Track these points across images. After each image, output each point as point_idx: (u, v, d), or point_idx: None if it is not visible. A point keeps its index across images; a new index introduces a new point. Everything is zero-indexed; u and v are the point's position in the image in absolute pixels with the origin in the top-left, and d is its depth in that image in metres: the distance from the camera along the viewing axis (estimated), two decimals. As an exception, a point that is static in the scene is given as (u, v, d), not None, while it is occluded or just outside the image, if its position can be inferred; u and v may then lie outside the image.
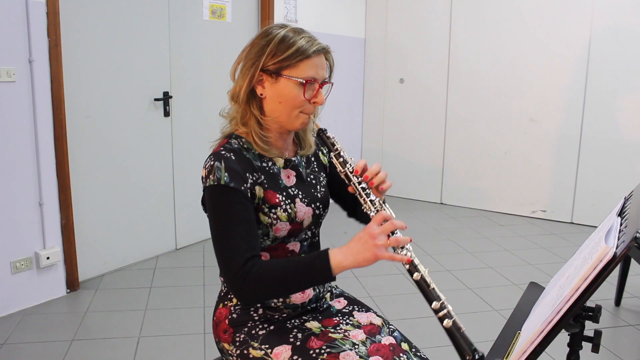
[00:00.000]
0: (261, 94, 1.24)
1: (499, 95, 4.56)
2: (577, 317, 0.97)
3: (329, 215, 1.42)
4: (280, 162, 1.29)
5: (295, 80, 1.19)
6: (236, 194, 1.16)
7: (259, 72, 1.21)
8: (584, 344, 1.01)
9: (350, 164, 1.22)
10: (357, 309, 1.40)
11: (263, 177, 1.24)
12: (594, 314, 0.97)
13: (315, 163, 1.40)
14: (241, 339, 1.27)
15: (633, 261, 2.84)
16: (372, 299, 2.90)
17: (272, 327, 1.27)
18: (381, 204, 1.18)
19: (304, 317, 1.33)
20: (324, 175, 1.41)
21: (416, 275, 1.08)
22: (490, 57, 4.55)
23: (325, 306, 1.39)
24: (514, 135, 4.55)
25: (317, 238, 1.40)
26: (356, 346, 1.22)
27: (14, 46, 2.53)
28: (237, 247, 1.13)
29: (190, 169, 3.63)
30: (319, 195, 1.35)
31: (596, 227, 1.20)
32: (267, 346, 1.23)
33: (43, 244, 2.76)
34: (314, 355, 1.19)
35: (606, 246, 0.85)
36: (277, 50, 1.19)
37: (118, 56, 3.09)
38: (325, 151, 1.45)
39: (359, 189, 1.20)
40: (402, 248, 1.10)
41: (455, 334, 1.04)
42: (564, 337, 1.01)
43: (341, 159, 1.23)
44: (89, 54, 2.94)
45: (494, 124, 4.63)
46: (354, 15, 5.04)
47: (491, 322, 2.63)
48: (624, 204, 1.13)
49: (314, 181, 1.36)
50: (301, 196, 1.30)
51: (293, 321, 1.31)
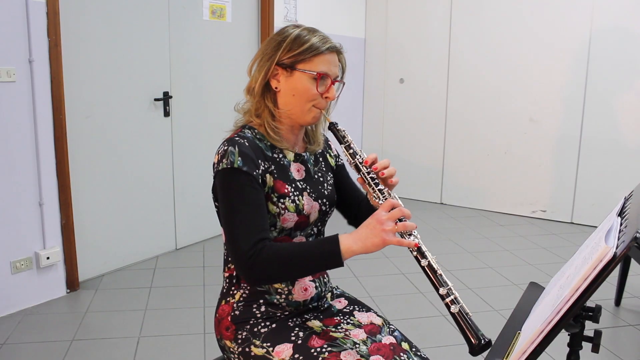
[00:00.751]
0: (276, 87, 1.29)
1: (499, 95, 4.56)
2: (577, 317, 0.97)
3: (332, 217, 1.44)
4: (290, 155, 1.33)
5: (308, 73, 1.25)
6: (248, 177, 1.19)
7: (274, 66, 1.26)
8: (584, 344, 1.01)
9: (360, 156, 1.26)
10: (357, 308, 1.41)
11: (273, 166, 1.28)
12: (594, 314, 0.97)
13: (322, 163, 1.43)
14: (243, 337, 1.28)
15: (633, 261, 2.85)
16: (372, 299, 2.90)
17: (273, 326, 1.28)
18: (389, 193, 1.22)
19: (305, 316, 1.34)
20: (331, 175, 1.44)
21: (424, 262, 1.12)
22: (490, 57, 4.55)
23: (326, 306, 1.40)
24: (514, 135, 4.55)
25: (322, 235, 1.42)
26: (357, 345, 1.23)
27: (14, 46, 2.53)
28: (247, 229, 1.16)
29: (190, 169, 3.63)
30: (325, 192, 1.38)
31: (596, 227, 1.20)
32: (268, 344, 1.24)
33: (43, 244, 2.77)
34: (315, 354, 1.20)
35: (606, 246, 0.85)
36: (292, 46, 1.25)
37: (118, 56, 3.09)
38: (333, 154, 1.48)
39: (368, 179, 1.24)
40: (410, 235, 1.13)
41: (462, 319, 1.08)
42: (564, 337, 1.01)
43: (351, 151, 1.27)
44: (89, 54, 2.94)
45: (494, 124, 4.63)
46: (354, 15, 5.05)
47: (491, 322, 2.63)
48: (624, 204, 1.13)
49: (322, 179, 1.39)
50: (309, 190, 1.33)
51: (295, 320, 1.32)
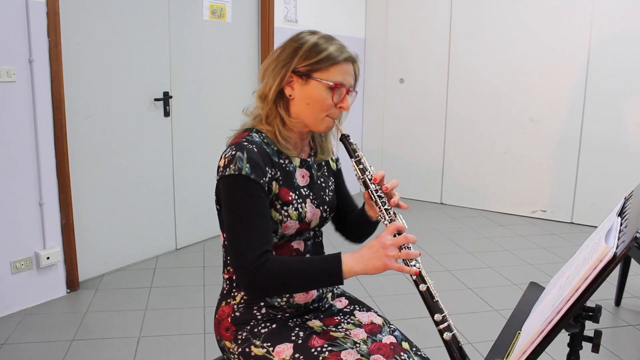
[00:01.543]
0: (289, 95, 1.27)
1: (499, 95, 4.56)
2: (577, 317, 0.97)
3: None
4: (296, 161, 1.32)
5: (325, 83, 1.23)
6: (255, 186, 1.18)
7: (290, 73, 1.24)
8: (584, 344, 1.01)
9: (370, 172, 1.26)
10: (358, 308, 1.41)
11: (279, 173, 1.26)
12: (594, 314, 0.97)
13: (325, 168, 1.42)
14: (243, 337, 1.28)
15: (633, 261, 2.85)
16: (372, 299, 2.90)
17: (274, 326, 1.28)
18: (395, 214, 1.22)
19: (305, 316, 1.34)
20: (332, 180, 1.44)
21: (422, 287, 1.13)
22: (491, 57, 4.55)
23: (326, 305, 1.40)
24: (514, 135, 4.55)
25: (321, 238, 1.42)
26: (357, 345, 1.23)
27: (14, 46, 2.53)
28: (251, 239, 1.15)
29: (190, 169, 3.63)
30: (327, 198, 1.38)
31: (596, 227, 1.20)
32: (269, 344, 1.24)
33: (43, 244, 2.76)
34: (315, 353, 1.20)
35: (606, 246, 0.85)
36: (309, 54, 1.23)
37: (118, 56, 3.09)
38: (335, 158, 1.48)
39: (376, 197, 1.24)
40: (411, 260, 1.14)
41: (452, 347, 1.11)
42: (564, 337, 1.01)
43: (361, 166, 1.26)
44: (89, 54, 2.94)
45: (494, 124, 4.63)
46: (354, 15, 5.05)
47: (491, 322, 2.63)
48: (624, 204, 1.13)
49: (324, 184, 1.39)
50: (312, 197, 1.32)
51: (295, 320, 1.32)
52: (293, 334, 1.25)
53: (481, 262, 3.52)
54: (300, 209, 1.27)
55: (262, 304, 1.30)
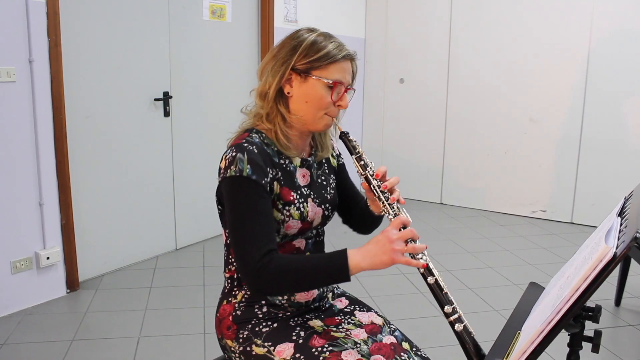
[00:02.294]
0: (288, 93, 1.26)
1: (499, 95, 4.56)
2: (577, 317, 0.97)
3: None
4: (297, 160, 1.31)
5: (324, 81, 1.23)
6: (257, 186, 1.18)
7: (289, 71, 1.24)
8: (584, 344, 1.01)
9: (371, 168, 1.26)
10: (358, 308, 1.41)
11: (280, 173, 1.26)
12: (594, 314, 0.97)
13: (326, 165, 1.42)
14: (244, 336, 1.28)
15: (633, 261, 2.85)
16: (372, 299, 2.90)
17: (275, 325, 1.28)
18: (399, 208, 1.21)
19: (306, 316, 1.34)
20: (333, 178, 1.43)
21: (430, 279, 1.12)
22: (491, 57, 4.55)
23: (327, 305, 1.40)
24: (514, 135, 4.55)
25: (322, 237, 1.42)
26: (358, 345, 1.23)
27: (14, 46, 2.53)
28: (255, 239, 1.15)
29: (190, 169, 3.63)
30: (328, 196, 1.37)
31: (596, 227, 1.20)
32: (269, 343, 1.24)
33: (43, 244, 2.76)
34: (316, 353, 1.20)
35: (606, 246, 0.85)
36: (308, 52, 1.23)
37: (118, 56, 3.09)
38: (335, 154, 1.47)
39: (379, 192, 1.23)
40: (418, 254, 1.13)
41: (465, 338, 1.08)
42: (564, 337, 1.01)
43: (362, 162, 1.26)
44: (89, 54, 2.94)
45: (494, 124, 4.63)
46: (354, 15, 5.05)
47: (491, 322, 2.63)
48: (624, 204, 1.13)
49: (325, 182, 1.38)
50: (313, 196, 1.32)
51: (296, 319, 1.32)
52: (294, 334, 1.26)
53: (481, 262, 3.52)
54: (302, 209, 1.27)
55: (263, 302, 1.30)
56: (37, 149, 2.68)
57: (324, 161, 1.41)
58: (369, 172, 1.25)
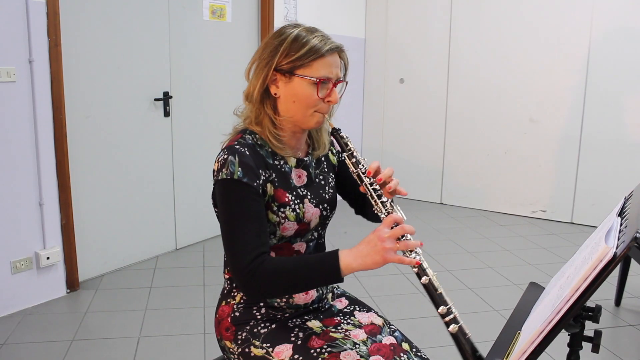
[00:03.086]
0: (275, 94, 1.24)
1: (499, 95, 4.56)
2: (577, 317, 0.97)
3: (333, 216, 1.43)
4: (292, 161, 1.30)
5: (308, 79, 1.20)
6: (248, 189, 1.17)
7: (272, 72, 1.21)
8: (584, 344, 1.01)
9: (363, 165, 1.23)
10: (358, 309, 1.41)
11: (274, 175, 1.24)
12: (594, 314, 0.97)
13: (325, 163, 1.40)
14: (243, 337, 1.28)
15: (633, 261, 2.84)
16: (372, 299, 2.90)
17: (273, 326, 1.28)
18: (392, 206, 1.18)
19: (305, 317, 1.33)
20: (332, 176, 1.41)
21: (424, 279, 1.09)
22: (491, 57, 4.55)
23: (327, 306, 1.40)
24: (514, 135, 4.55)
25: (323, 239, 1.40)
26: (357, 346, 1.22)
27: (14, 46, 2.53)
28: (247, 242, 1.14)
29: (190, 169, 3.63)
30: (326, 196, 1.35)
31: (596, 227, 1.20)
32: (268, 345, 1.24)
33: (43, 244, 2.76)
34: (314, 354, 1.19)
35: (606, 246, 0.85)
36: (290, 50, 1.19)
37: (118, 56, 3.09)
38: (335, 150, 1.45)
39: (371, 190, 1.20)
40: (411, 251, 1.11)
41: (460, 339, 1.05)
42: (564, 337, 1.01)
43: (354, 159, 1.23)
44: (89, 54, 2.94)
45: (494, 124, 4.63)
46: (354, 15, 5.05)
47: (491, 322, 2.63)
48: (624, 204, 1.13)
49: (323, 182, 1.37)
50: (310, 197, 1.30)
51: (294, 320, 1.31)
52: (292, 335, 1.25)
53: (481, 262, 3.52)
54: (298, 210, 1.26)
55: (261, 304, 1.30)
56: (37, 148, 2.68)
57: (323, 159, 1.40)
58: (360, 169, 1.22)
